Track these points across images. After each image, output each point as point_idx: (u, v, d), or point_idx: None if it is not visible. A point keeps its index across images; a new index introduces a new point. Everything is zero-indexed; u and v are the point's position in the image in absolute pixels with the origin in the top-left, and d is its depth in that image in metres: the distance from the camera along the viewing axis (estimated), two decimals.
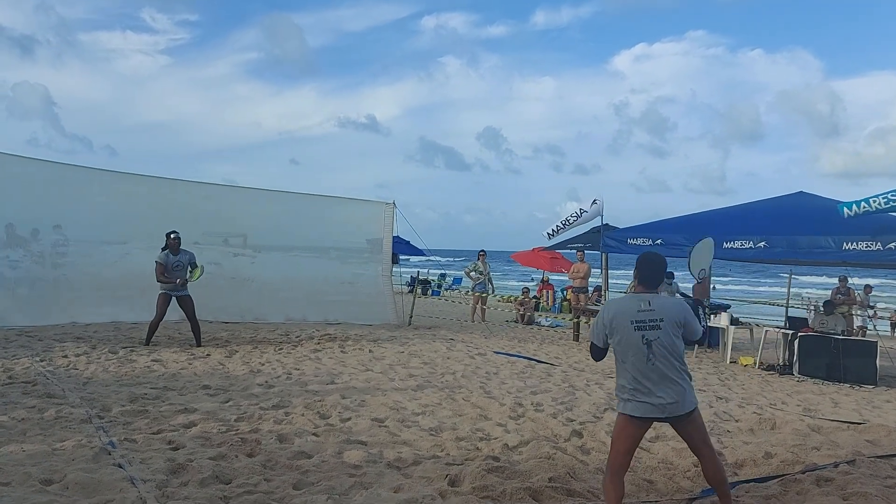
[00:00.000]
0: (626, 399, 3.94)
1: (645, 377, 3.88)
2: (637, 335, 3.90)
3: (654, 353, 3.88)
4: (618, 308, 4.04)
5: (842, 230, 9.90)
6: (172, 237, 10.13)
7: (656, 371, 3.88)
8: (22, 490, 4.01)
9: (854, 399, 8.78)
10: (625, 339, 3.93)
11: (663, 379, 3.89)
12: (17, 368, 7.75)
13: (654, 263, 4.10)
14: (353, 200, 16.20)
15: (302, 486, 4.41)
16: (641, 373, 3.88)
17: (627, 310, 3.97)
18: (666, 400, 3.88)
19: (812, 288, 26.59)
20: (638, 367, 3.89)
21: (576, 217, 13.37)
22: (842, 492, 4.64)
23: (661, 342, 3.89)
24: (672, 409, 3.90)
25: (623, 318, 3.95)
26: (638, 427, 3.97)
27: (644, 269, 4.09)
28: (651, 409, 3.89)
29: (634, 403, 3.91)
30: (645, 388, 3.88)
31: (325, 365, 9.21)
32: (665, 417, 3.93)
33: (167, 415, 6.03)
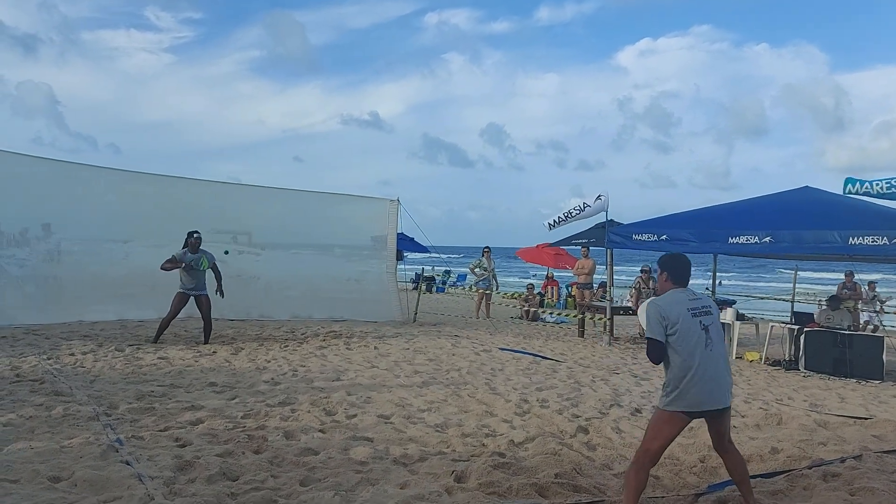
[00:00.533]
0: (683, 392, 3.91)
1: (706, 364, 3.91)
2: (695, 321, 3.96)
3: (712, 337, 3.97)
4: (668, 300, 4.07)
5: (848, 225, 9.85)
6: (195, 237, 10.21)
7: (714, 357, 3.95)
8: (31, 487, 4.04)
9: (861, 394, 8.75)
10: (684, 328, 3.94)
11: (720, 364, 3.99)
12: (25, 366, 7.79)
13: (684, 262, 4.23)
14: (358, 198, 16.20)
15: (309, 483, 4.43)
16: (703, 361, 3.91)
17: (679, 300, 4.04)
18: (725, 387, 4.00)
19: (808, 283, 26.50)
20: (699, 355, 3.91)
21: (579, 210, 13.30)
22: (849, 487, 4.63)
23: (715, 327, 4.01)
24: (725, 398, 4.00)
25: (678, 307, 3.99)
26: (685, 421, 3.98)
27: (675, 268, 4.19)
28: (709, 400, 3.92)
29: (693, 397, 3.90)
30: (707, 376, 3.90)
31: (331, 362, 9.23)
32: (720, 409, 3.98)
33: (174, 412, 6.05)
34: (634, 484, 3.95)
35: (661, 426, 4.00)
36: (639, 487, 3.96)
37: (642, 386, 8.57)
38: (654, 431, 4.02)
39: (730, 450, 4.16)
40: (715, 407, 3.96)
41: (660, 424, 4.00)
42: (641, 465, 3.98)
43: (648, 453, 3.99)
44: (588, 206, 13.28)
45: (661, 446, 4.00)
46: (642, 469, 3.97)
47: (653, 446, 3.99)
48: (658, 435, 3.99)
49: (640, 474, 3.96)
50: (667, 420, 3.98)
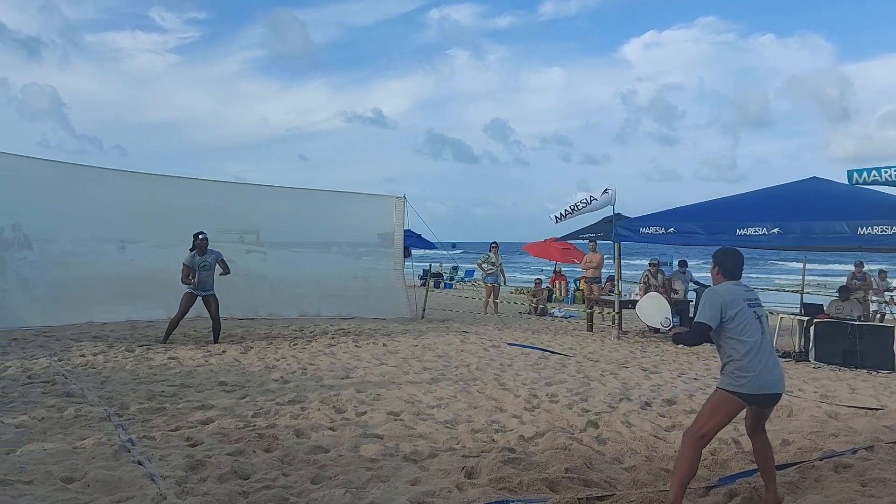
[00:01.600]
0: (750, 374, 3.95)
1: (762, 352, 3.99)
2: (751, 311, 4.06)
3: (764, 328, 4.08)
4: (729, 290, 4.15)
5: (856, 215, 9.81)
6: (200, 238, 10.19)
7: (768, 346, 4.04)
8: (44, 488, 4.06)
9: (871, 385, 8.72)
10: (743, 317, 4.03)
11: (773, 354, 4.07)
12: (36, 368, 7.83)
13: (736, 256, 4.31)
14: (364, 195, 16.22)
15: (319, 481, 4.44)
16: (760, 348, 3.99)
17: (737, 290, 4.14)
18: (779, 375, 4.06)
19: (816, 275, 26.35)
20: (756, 343, 3.99)
21: (585, 203, 13.26)
22: (860, 478, 4.61)
23: (764, 319, 4.13)
24: (782, 384, 4.07)
25: (737, 297, 4.08)
26: (741, 406, 4.02)
27: (727, 263, 4.27)
28: (769, 385, 3.99)
29: (758, 380, 3.95)
30: (770, 361, 4.00)
31: (340, 359, 9.25)
32: (777, 394, 4.06)
33: (185, 412, 6.07)
34: (686, 470, 3.95)
35: (719, 407, 4.02)
36: (690, 474, 3.97)
37: (651, 380, 8.56)
38: (710, 412, 4.04)
39: (762, 435, 4.24)
40: (776, 391, 4.04)
41: (718, 405, 4.03)
42: (695, 449, 3.99)
43: (703, 435, 4.01)
44: (595, 200, 13.24)
45: (715, 428, 4.02)
46: (695, 453, 3.99)
47: (707, 427, 4.01)
48: (714, 415, 4.01)
49: (695, 460, 3.99)
50: (725, 401, 4.01)
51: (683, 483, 3.97)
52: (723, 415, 4.01)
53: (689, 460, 3.96)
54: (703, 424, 4.02)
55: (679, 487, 3.95)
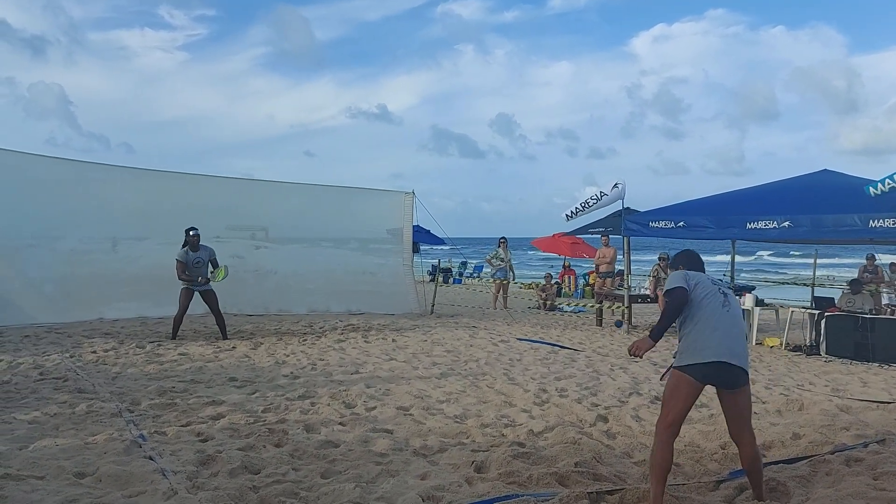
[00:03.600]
0: (699, 345, 3.92)
1: (723, 320, 3.96)
2: (714, 287, 4.10)
3: (730, 302, 4.08)
4: (692, 272, 4.22)
5: (868, 207, 9.73)
6: (192, 234, 10.22)
7: (730, 318, 4.00)
8: (56, 483, 4.09)
9: (883, 378, 8.66)
10: (705, 290, 4.06)
11: (735, 327, 4.01)
12: (48, 365, 7.88)
13: (692, 255, 4.44)
14: (373, 191, 16.24)
15: (329, 475, 4.45)
16: (721, 317, 3.97)
17: (699, 273, 4.26)
18: (740, 346, 3.99)
19: (827, 269, 26.18)
20: (715, 313, 3.96)
21: (596, 200, 13.23)
22: (872, 472, 4.59)
23: (733, 299, 4.14)
24: (741, 359, 3.95)
25: (701, 277, 4.18)
26: (697, 386, 3.93)
27: (686, 261, 4.40)
28: (725, 352, 3.89)
29: (707, 350, 3.89)
30: (723, 330, 3.94)
31: (350, 355, 9.27)
32: (732, 364, 3.90)
33: (195, 407, 6.10)
34: (660, 462, 3.89)
35: (676, 389, 3.96)
36: (664, 466, 3.89)
37: (661, 374, 8.52)
38: (668, 396, 4.00)
39: (745, 438, 4.08)
40: (728, 360, 3.88)
41: (674, 387, 3.98)
42: (663, 439, 3.93)
43: (668, 425, 3.95)
44: (605, 195, 13.20)
45: (678, 413, 3.94)
46: (666, 444, 3.92)
47: (670, 415, 3.95)
48: (672, 399, 3.96)
49: (665, 451, 3.90)
50: (678, 380, 3.96)
51: (662, 476, 3.89)
52: (681, 396, 3.93)
53: (662, 452, 3.90)
54: (667, 411, 3.97)
55: (659, 483, 3.88)
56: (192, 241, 10.21)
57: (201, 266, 10.28)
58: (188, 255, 10.21)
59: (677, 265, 4.39)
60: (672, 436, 3.97)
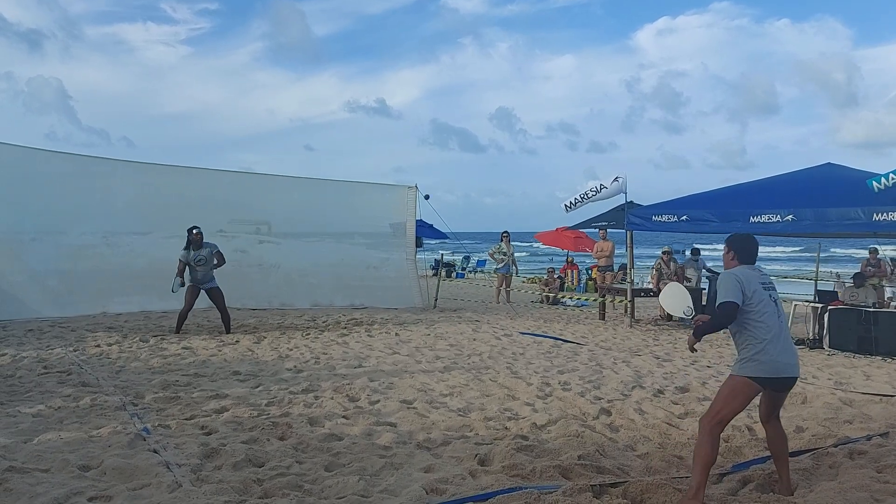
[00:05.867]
0: (764, 358, 3.93)
1: (779, 334, 3.97)
2: (766, 294, 4.04)
3: (780, 311, 4.06)
4: (743, 272, 4.11)
5: (872, 201, 9.70)
6: (195, 232, 10.21)
7: (784, 329, 4.01)
8: (61, 476, 4.11)
9: (886, 371, 8.65)
10: (760, 298, 4.01)
11: (788, 335, 4.05)
12: (52, 358, 7.91)
13: (751, 241, 4.28)
14: (376, 185, 16.23)
15: (333, 468, 4.46)
16: (776, 330, 3.96)
17: (752, 273, 4.11)
18: (795, 358, 4.03)
19: (830, 264, 26.11)
20: (774, 325, 3.97)
21: (595, 191, 13.19)
22: (875, 464, 4.59)
23: (780, 302, 4.11)
24: (797, 368, 4.04)
25: (752, 279, 4.06)
26: (756, 390, 3.99)
27: (742, 247, 4.23)
28: (785, 368, 3.96)
29: (772, 363, 3.93)
30: (785, 343, 3.98)
31: (353, 349, 9.28)
32: (792, 377, 4.01)
33: (199, 401, 6.12)
34: (707, 454, 3.92)
35: (736, 392, 4.00)
36: (710, 459, 3.94)
37: (664, 367, 8.53)
38: (726, 398, 4.02)
39: (776, 424, 4.22)
40: (791, 374, 4.00)
41: (735, 391, 4.00)
42: (712, 433, 3.97)
43: (720, 421, 4.00)
44: (605, 188, 13.16)
45: (731, 413, 4.01)
46: (714, 438, 3.97)
47: (724, 413, 4.00)
48: (730, 402, 4.00)
49: (714, 444, 3.96)
50: (743, 386, 3.98)
51: (706, 469, 3.93)
52: (740, 400, 3.99)
53: (708, 447, 3.94)
54: (719, 410, 4.00)
55: (702, 474, 3.91)
56: (195, 239, 10.21)
57: (203, 263, 10.28)
58: (190, 254, 10.22)
59: (732, 251, 4.23)
60: (720, 432, 4.05)
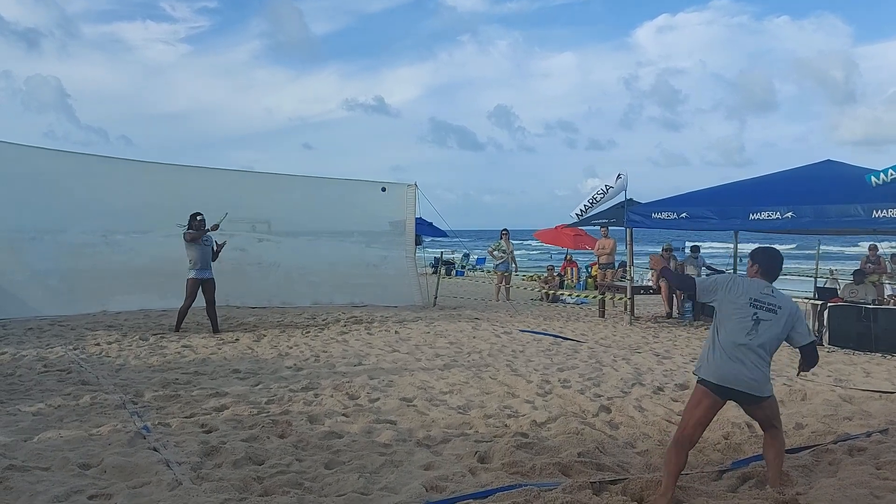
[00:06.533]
0: (710, 361, 3.98)
1: (739, 348, 3.93)
2: (750, 310, 3.97)
3: (758, 331, 3.95)
4: (745, 282, 4.12)
5: (871, 198, 9.71)
6: (199, 219, 10.21)
7: (750, 347, 3.94)
8: (61, 474, 4.11)
9: (886, 368, 8.66)
10: (731, 308, 4.00)
11: (754, 356, 3.94)
12: (52, 357, 7.91)
13: (776, 258, 4.23)
14: (375, 183, 16.21)
15: (333, 466, 4.47)
16: (738, 343, 3.93)
17: (752, 287, 4.06)
18: (748, 374, 3.93)
19: (830, 261, 26.09)
20: (735, 337, 3.94)
21: (602, 194, 13.20)
22: (875, 461, 4.60)
23: (769, 326, 3.97)
24: (751, 385, 3.95)
25: (746, 291, 4.03)
26: (714, 398, 3.97)
27: (766, 262, 4.19)
28: (730, 377, 3.92)
29: (715, 368, 3.95)
30: (734, 356, 3.93)
31: (353, 347, 9.28)
32: (741, 391, 3.95)
33: (199, 399, 6.12)
34: (674, 462, 3.93)
35: (695, 401, 4.04)
36: (677, 467, 3.93)
37: (664, 364, 8.54)
38: (689, 408, 4.07)
39: (771, 432, 4.18)
40: (734, 387, 3.93)
41: (694, 398, 4.06)
42: (677, 442, 4.00)
43: (683, 430, 4.03)
44: (611, 188, 13.17)
45: (694, 421, 4.00)
46: (680, 448, 3.97)
47: (686, 421, 4.03)
48: (692, 410, 4.02)
49: (679, 453, 3.95)
50: (698, 394, 4.03)
51: (672, 477, 3.92)
52: (701, 409, 4.00)
53: (673, 457, 3.94)
54: (686, 421, 4.06)
55: (669, 479, 3.91)
56: (199, 224, 10.21)
57: (208, 245, 10.29)
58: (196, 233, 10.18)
59: (756, 265, 4.20)
60: (688, 441, 4.03)
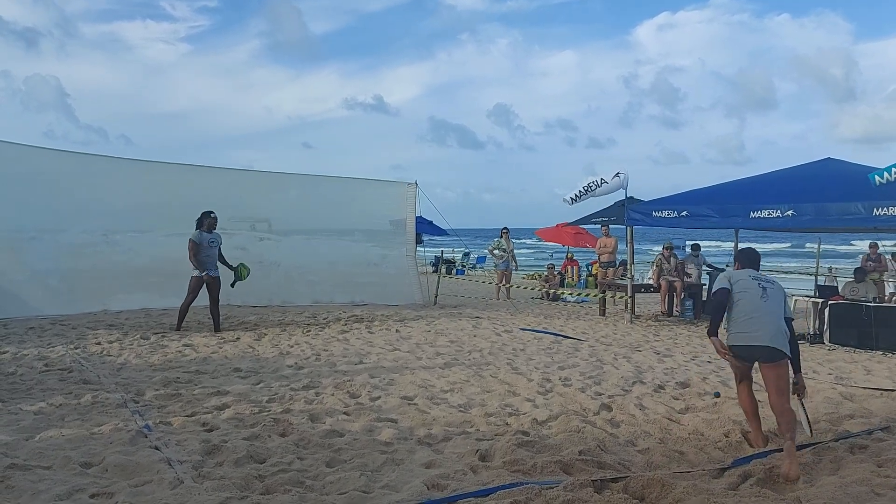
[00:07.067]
0: (733, 331, 4.85)
1: (756, 311, 4.76)
2: (755, 282, 4.92)
3: (768, 294, 4.83)
4: (735, 271, 5.17)
5: (872, 196, 9.71)
6: (213, 216, 10.26)
7: (768, 306, 4.77)
8: (63, 473, 4.11)
9: (887, 366, 8.67)
10: (744, 286, 4.90)
11: (770, 315, 4.75)
12: (53, 356, 7.91)
13: (752, 254, 5.32)
14: (376, 182, 16.23)
15: (335, 464, 4.47)
16: (755, 307, 4.77)
17: (744, 272, 5.06)
18: (771, 330, 4.70)
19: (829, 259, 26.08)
20: (752, 303, 4.78)
21: (597, 185, 13.18)
22: (876, 458, 4.60)
23: (773, 291, 4.89)
24: (774, 340, 4.68)
25: (742, 275, 5.01)
26: (742, 359, 4.91)
27: (745, 259, 5.30)
28: (752, 337, 4.73)
29: (739, 335, 4.80)
30: (755, 318, 4.74)
31: (353, 345, 9.29)
32: (764, 346, 4.69)
33: (200, 398, 6.12)
34: (745, 405, 5.10)
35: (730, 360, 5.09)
36: (750, 407, 5.06)
37: (665, 363, 8.54)
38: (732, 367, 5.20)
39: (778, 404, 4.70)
40: (755, 343, 4.70)
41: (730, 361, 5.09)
42: (737, 389, 5.20)
43: (736, 380, 5.21)
44: (606, 182, 13.16)
45: (739, 375, 5.11)
46: (741, 391, 5.11)
47: (735, 375, 5.21)
48: (733, 368, 5.17)
49: (743, 396, 5.09)
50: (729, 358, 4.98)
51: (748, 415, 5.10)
52: (733, 367, 5.12)
53: (745, 404, 5.11)
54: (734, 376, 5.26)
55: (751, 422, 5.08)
56: (211, 222, 10.24)
57: (216, 246, 10.30)
58: (202, 235, 10.19)
59: (737, 262, 5.40)
60: (745, 384, 5.08)
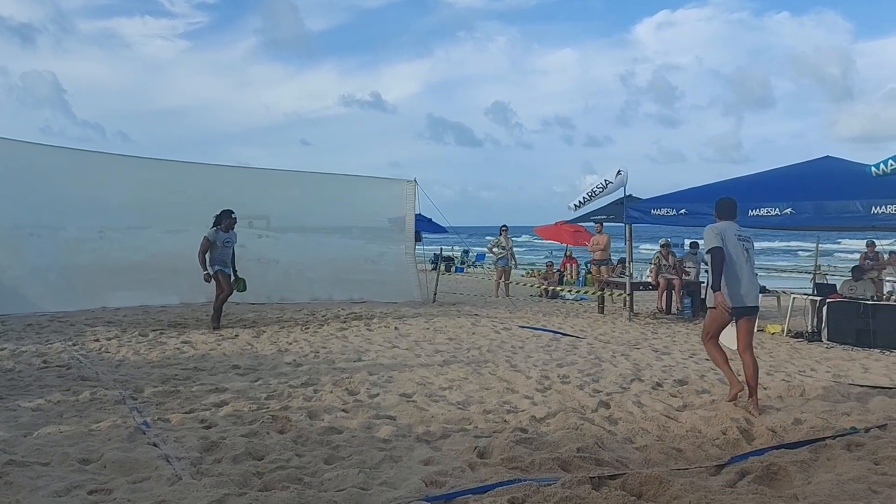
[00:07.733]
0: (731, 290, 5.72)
1: (742, 271, 5.75)
2: (740, 243, 5.80)
3: (749, 254, 5.86)
4: (723, 226, 5.91)
5: (870, 194, 9.71)
6: (233, 217, 10.31)
7: (751, 267, 5.81)
8: (61, 469, 4.11)
9: (884, 364, 8.68)
10: (733, 245, 5.77)
11: (753, 275, 5.84)
12: (51, 353, 7.91)
13: (730, 203, 6.07)
14: (375, 179, 16.23)
15: (333, 461, 4.47)
16: (741, 267, 5.75)
17: (729, 227, 5.91)
18: (757, 290, 5.91)
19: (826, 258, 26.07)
20: (740, 266, 5.75)
21: (601, 188, 13.19)
22: (873, 456, 4.61)
23: (751, 248, 5.94)
24: (757, 298, 5.88)
25: (728, 230, 5.86)
26: (731, 317, 5.83)
27: (723, 209, 6.07)
28: (748, 297, 5.78)
29: (737, 294, 5.74)
30: (747, 279, 5.76)
31: (352, 343, 9.29)
32: (753, 306, 5.85)
33: (199, 395, 6.13)
34: (715, 355, 6.07)
35: (713, 318, 5.96)
36: (721, 356, 6.00)
37: (663, 360, 8.55)
38: (710, 319, 6.02)
39: (748, 354, 5.88)
40: (752, 304, 5.81)
41: (712, 316, 5.95)
42: (708, 341, 6.09)
43: (708, 334, 6.08)
44: (610, 183, 13.17)
45: (715, 330, 5.96)
46: (710, 344, 6.07)
47: (710, 329, 6.02)
48: (713, 321, 5.96)
49: (712, 347, 6.07)
50: (715, 314, 5.86)
51: (725, 363, 6.01)
52: (718, 323, 5.93)
53: (714, 354, 6.08)
54: (706, 330, 6.12)
55: (726, 368, 6.03)
56: (230, 222, 10.27)
57: (230, 246, 10.30)
58: (218, 234, 10.18)
59: (718, 212, 6.10)
60: (713, 338, 6.04)
